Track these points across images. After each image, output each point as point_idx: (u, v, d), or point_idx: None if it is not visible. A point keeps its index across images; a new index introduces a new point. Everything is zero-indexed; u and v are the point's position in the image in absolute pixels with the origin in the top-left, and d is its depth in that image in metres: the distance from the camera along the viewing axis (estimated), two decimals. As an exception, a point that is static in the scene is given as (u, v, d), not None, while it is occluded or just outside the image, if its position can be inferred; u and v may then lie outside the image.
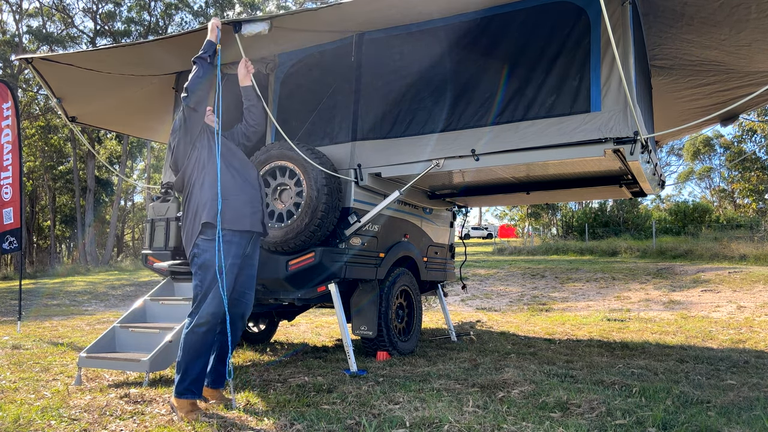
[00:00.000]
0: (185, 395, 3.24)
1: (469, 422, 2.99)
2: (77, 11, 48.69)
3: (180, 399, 3.23)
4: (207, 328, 3.29)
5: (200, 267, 3.33)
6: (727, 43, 4.96)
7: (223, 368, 3.56)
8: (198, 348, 3.28)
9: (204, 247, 3.33)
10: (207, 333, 3.30)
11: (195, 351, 3.28)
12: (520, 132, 4.23)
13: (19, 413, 3.27)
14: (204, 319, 3.27)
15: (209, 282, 3.29)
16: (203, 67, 3.49)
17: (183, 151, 3.48)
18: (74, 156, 33.43)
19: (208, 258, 3.31)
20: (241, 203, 3.41)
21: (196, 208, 3.39)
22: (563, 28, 4.14)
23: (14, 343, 6.33)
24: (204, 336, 3.28)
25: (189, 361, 3.27)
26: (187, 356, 3.27)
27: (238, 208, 3.38)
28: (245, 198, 3.43)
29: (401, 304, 5.60)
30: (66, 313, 10.91)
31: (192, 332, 3.27)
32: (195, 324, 3.27)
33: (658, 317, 9.21)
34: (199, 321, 3.27)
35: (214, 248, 3.29)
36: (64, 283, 17.87)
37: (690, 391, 3.75)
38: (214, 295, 3.28)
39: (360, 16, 4.51)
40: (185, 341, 3.28)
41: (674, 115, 6.69)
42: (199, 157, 3.45)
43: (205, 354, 3.33)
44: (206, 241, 3.33)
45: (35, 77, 5.47)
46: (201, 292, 3.31)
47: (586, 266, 17.31)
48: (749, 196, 30.15)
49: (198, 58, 3.51)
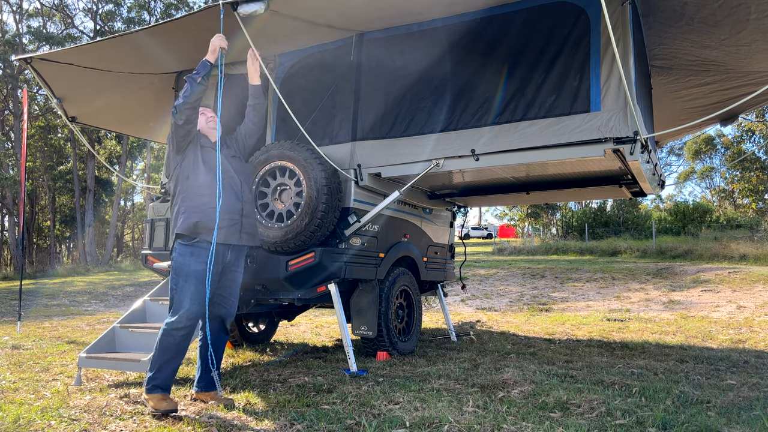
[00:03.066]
0: (154, 391, 3.30)
1: (469, 422, 2.99)
2: (77, 11, 48.78)
3: (150, 394, 3.30)
4: (185, 332, 3.34)
5: (175, 271, 3.40)
6: (727, 43, 4.96)
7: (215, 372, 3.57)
8: (174, 350, 3.34)
9: (180, 251, 3.41)
10: (185, 336, 3.36)
11: (171, 352, 3.34)
12: (519, 132, 4.23)
13: (19, 413, 3.27)
14: (182, 323, 3.32)
15: (182, 285, 3.34)
16: (192, 86, 3.47)
17: (172, 160, 3.57)
18: (74, 156, 33.43)
19: (182, 262, 3.37)
20: (216, 217, 3.40)
21: (175, 217, 3.48)
22: (563, 28, 4.14)
23: (14, 344, 6.33)
24: (182, 339, 3.35)
25: (164, 361, 3.33)
26: (163, 356, 3.33)
27: (212, 221, 3.39)
28: (222, 210, 3.43)
29: (401, 304, 5.60)
30: (66, 313, 10.90)
31: (169, 334, 3.33)
32: (173, 327, 3.32)
33: (658, 317, 9.21)
34: (177, 324, 3.32)
35: (190, 253, 3.38)
36: (64, 283, 17.87)
37: (690, 391, 3.75)
38: (191, 299, 3.32)
39: (359, 7, 4.47)
40: (161, 342, 3.34)
41: (674, 115, 6.69)
42: (185, 168, 3.52)
43: (179, 356, 3.39)
44: (182, 246, 3.41)
45: (35, 77, 5.44)
46: (176, 295, 3.36)
47: (586, 266, 17.31)
48: (749, 196, 30.16)
49: (189, 77, 3.50)
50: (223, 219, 3.43)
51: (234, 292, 3.64)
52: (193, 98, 3.45)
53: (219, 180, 3.43)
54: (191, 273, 3.34)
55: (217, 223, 3.37)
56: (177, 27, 4.67)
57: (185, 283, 3.35)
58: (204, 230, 3.39)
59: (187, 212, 3.42)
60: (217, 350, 3.58)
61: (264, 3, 3.94)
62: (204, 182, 3.48)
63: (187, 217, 3.41)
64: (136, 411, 3.37)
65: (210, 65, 3.55)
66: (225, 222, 3.45)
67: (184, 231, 3.40)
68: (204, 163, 3.53)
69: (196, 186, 3.47)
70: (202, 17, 4.34)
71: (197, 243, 3.39)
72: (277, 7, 4.12)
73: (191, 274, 3.34)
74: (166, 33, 4.81)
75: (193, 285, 3.34)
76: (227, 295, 3.61)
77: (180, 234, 3.42)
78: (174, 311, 3.36)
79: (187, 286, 3.34)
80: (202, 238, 3.39)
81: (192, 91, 3.45)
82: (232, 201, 3.53)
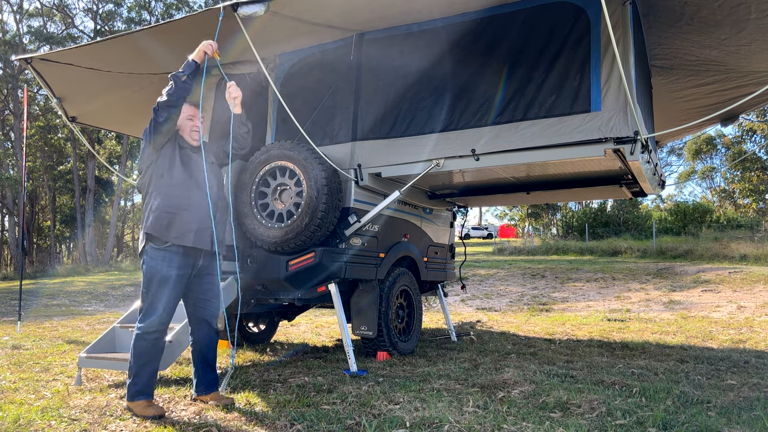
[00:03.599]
0: (137, 398, 3.29)
1: (469, 422, 2.99)
2: (78, 11, 48.77)
3: (133, 402, 3.29)
4: (157, 336, 3.33)
5: (147, 275, 3.35)
6: (727, 43, 4.95)
7: (212, 374, 3.58)
8: (149, 354, 3.33)
9: (152, 255, 3.35)
10: (157, 340, 3.34)
11: (146, 356, 3.32)
12: (520, 132, 4.22)
13: (19, 413, 3.27)
14: (154, 327, 3.30)
15: (155, 290, 3.31)
16: (176, 85, 3.36)
17: (147, 156, 3.47)
18: (74, 156, 33.44)
19: (154, 267, 3.33)
20: (188, 219, 3.36)
21: (146, 215, 3.39)
22: (563, 28, 4.14)
23: (14, 344, 6.33)
24: (155, 342, 3.33)
25: (140, 366, 3.32)
26: (139, 362, 3.32)
27: (183, 223, 3.35)
28: (193, 215, 3.38)
29: (401, 304, 5.60)
30: (66, 313, 10.90)
31: (142, 339, 3.31)
32: (145, 331, 3.30)
33: (658, 317, 9.20)
34: (148, 329, 3.30)
35: (161, 258, 3.33)
36: (64, 283, 17.87)
37: (690, 391, 3.75)
38: (164, 305, 3.30)
39: (359, 7, 4.47)
40: (135, 347, 3.32)
41: (674, 115, 6.69)
42: (160, 166, 3.43)
43: (155, 359, 3.37)
44: (154, 249, 3.35)
45: (35, 77, 5.44)
46: (148, 300, 3.33)
47: (586, 266, 17.31)
48: (749, 196, 30.15)
49: (173, 75, 3.40)
50: (194, 222, 3.37)
51: (214, 293, 3.57)
52: (176, 97, 3.36)
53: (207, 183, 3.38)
54: (164, 278, 3.30)
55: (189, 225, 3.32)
56: (177, 28, 4.67)
57: (158, 288, 3.30)
58: (174, 232, 3.33)
59: (158, 211, 3.34)
60: (211, 350, 3.57)
61: (264, 5, 3.94)
62: (178, 182, 3.39)
63: (157, 216, 3.33)
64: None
65: (195, 65, 3.44)
66: (195, 225, 3.38)
67: (154, 232, 3.32)
68: (181, 164, 3.44)
69: (169, 185, 3.39)
70: (202, 18, 4.34)
71: (168, 248, 3.33)
72: (277, 8, 4.11)
73: (164, 280, 3.30)
74: (167, 33, 4.81)
75: (166, 290, 3.30)
76: (208, 298, 3.54)
77: (150, 235, 3.35)
78: (145, 316, 3.32)
79: (161, 291, 3.30)
80: (173, 242, 3.33)
81: (175, 89, 3.36)
82: (205, 205, 3.44)
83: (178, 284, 3.36)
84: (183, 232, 3.35)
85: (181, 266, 3.37)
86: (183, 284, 3.40)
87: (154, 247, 3.35)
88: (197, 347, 3.56)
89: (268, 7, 3.93)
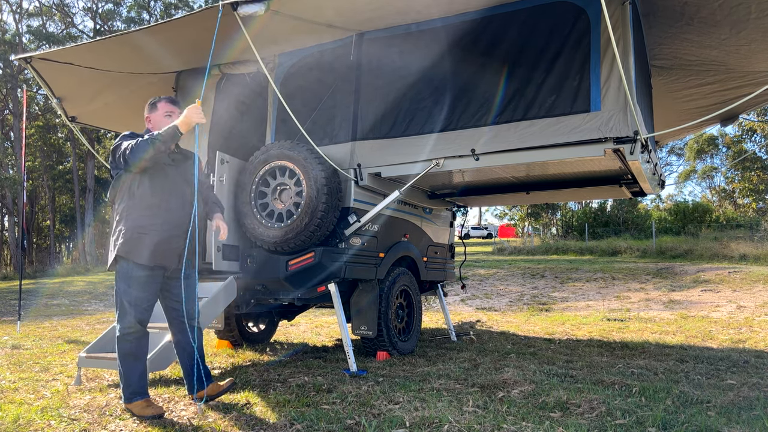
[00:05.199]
0: (134, 399, 3.29)
1: (469, 422, 2.99)
2: (77, 11, 48.78)
3: (131, 403, 3.29)
4: (137, 335, 3.33)
5: (117, 275, 3.34)
6: (727, 43, 4.95)
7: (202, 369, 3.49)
8: (133, 353, 3.33)
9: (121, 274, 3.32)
10: (138, 339, 3.34)
11: (131, 356, 3.32)
12: (520, 132, 4.23)
13: (18, 413, 3.27)
14: (132, 328, 3.30)
15: (125, 289, 3.30)
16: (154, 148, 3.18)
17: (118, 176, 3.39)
18: (74, 156, 33.43)
19: (124, 266, 3.31)
20: (158, 241, 3.30)
21: (118, 232, 3.32)
22: (563, 28, 4.14)
23: (14, 343, 6.33)
24: (136, 341, 3.33)
25: (128, 368, 3.32)
26: (125, 363, 3.32)
27: (154, 244, 3.29)
28: (164, 236, 3.31)
29: (401, 304, 5.60)
30: (66, 312, 10.90)
31: (123, 340, 3.31)
32: (124, 333, 3.30)
33: (658, 317, 9.20)
34: (128, 330, 3.30)
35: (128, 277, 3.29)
36: (64, 283, 17.86)
37: (690, 391, 3.75)
38: (137, 302, 3.29)
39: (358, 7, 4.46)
40: (119, 350, 3.32)
41: (674, 115, 6.69)
42: (133, 182, 3.33)
43: (141, 357, 3.37)
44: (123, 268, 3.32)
45: (35, 77, 5.43)
46: (119, 299, 3.33)
47: (586, 266, 17.31)
48: (749, 195, 30.16)
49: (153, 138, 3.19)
50: (162, 244, 3.30)
51: (188, 295, 3.45)
52: (149, 156, 3.22)
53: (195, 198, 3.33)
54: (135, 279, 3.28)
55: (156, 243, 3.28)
56: (177, 27, 4.66)
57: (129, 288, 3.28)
58: (150, 254, 3.27)
59: (129, 232, 3.28)
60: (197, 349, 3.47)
61: (264, 4, 3.93)
62: (152, 203, 3.31)
63: (130, 237, 3.27)
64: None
65: (180, 135, 3.20)
66: (164, 246, 3.31)
67: (123, 254, 3.27)
68: (155, 181, 3.33)
69: (141, 206, 3.31)
70: (202, 17, 4.34)
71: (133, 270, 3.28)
72: (277, 7, 4.11)
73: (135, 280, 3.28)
74: (166, 33, 4.80)
75: (137, 290, 3.27)
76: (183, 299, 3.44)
77: (119, 257, 3.30)
78: (121, 316, 3.31)
79: (131, 291, 3.28)
80: (141, 263, 3.27)
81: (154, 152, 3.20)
82: (179, 218, 3.36)
83: (151, 282, 3.33)
84: (154, 252, 3.28)
85: (153, 268, 3.33)
86: (156, 282, 3.37)
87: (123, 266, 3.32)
88: (180, 347, 3.50)
89: (267, 6, 3.93)
